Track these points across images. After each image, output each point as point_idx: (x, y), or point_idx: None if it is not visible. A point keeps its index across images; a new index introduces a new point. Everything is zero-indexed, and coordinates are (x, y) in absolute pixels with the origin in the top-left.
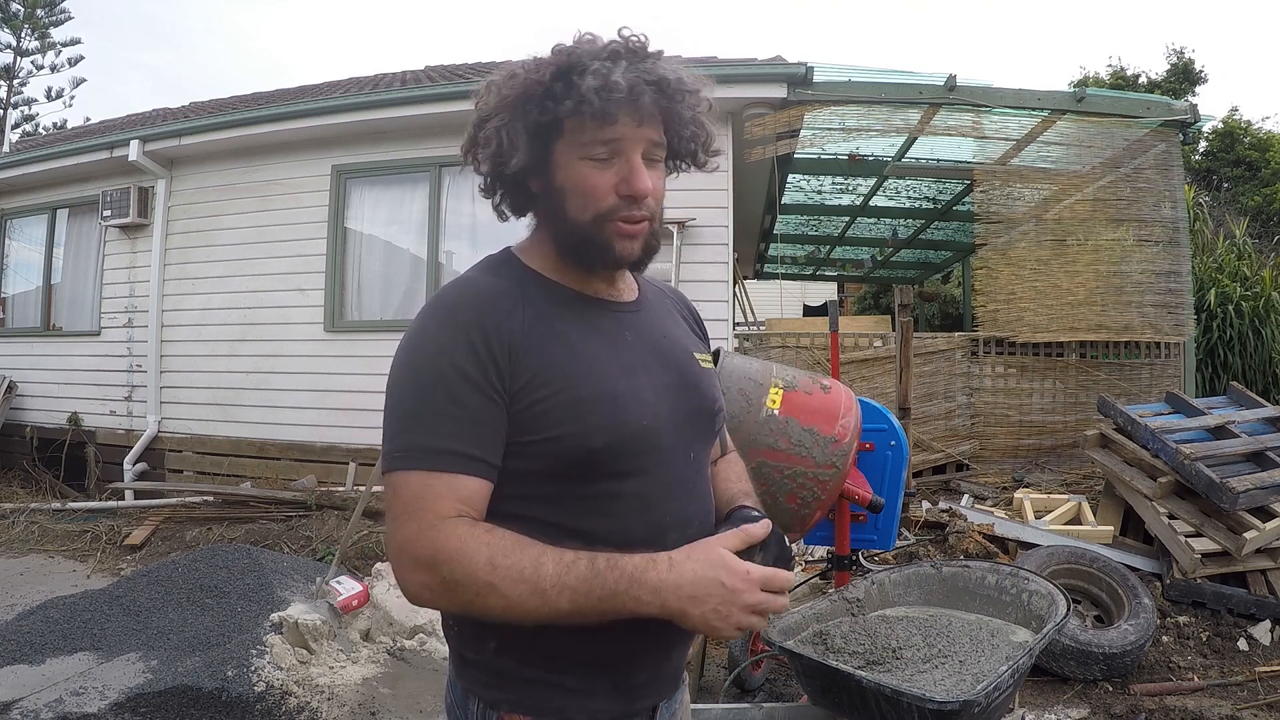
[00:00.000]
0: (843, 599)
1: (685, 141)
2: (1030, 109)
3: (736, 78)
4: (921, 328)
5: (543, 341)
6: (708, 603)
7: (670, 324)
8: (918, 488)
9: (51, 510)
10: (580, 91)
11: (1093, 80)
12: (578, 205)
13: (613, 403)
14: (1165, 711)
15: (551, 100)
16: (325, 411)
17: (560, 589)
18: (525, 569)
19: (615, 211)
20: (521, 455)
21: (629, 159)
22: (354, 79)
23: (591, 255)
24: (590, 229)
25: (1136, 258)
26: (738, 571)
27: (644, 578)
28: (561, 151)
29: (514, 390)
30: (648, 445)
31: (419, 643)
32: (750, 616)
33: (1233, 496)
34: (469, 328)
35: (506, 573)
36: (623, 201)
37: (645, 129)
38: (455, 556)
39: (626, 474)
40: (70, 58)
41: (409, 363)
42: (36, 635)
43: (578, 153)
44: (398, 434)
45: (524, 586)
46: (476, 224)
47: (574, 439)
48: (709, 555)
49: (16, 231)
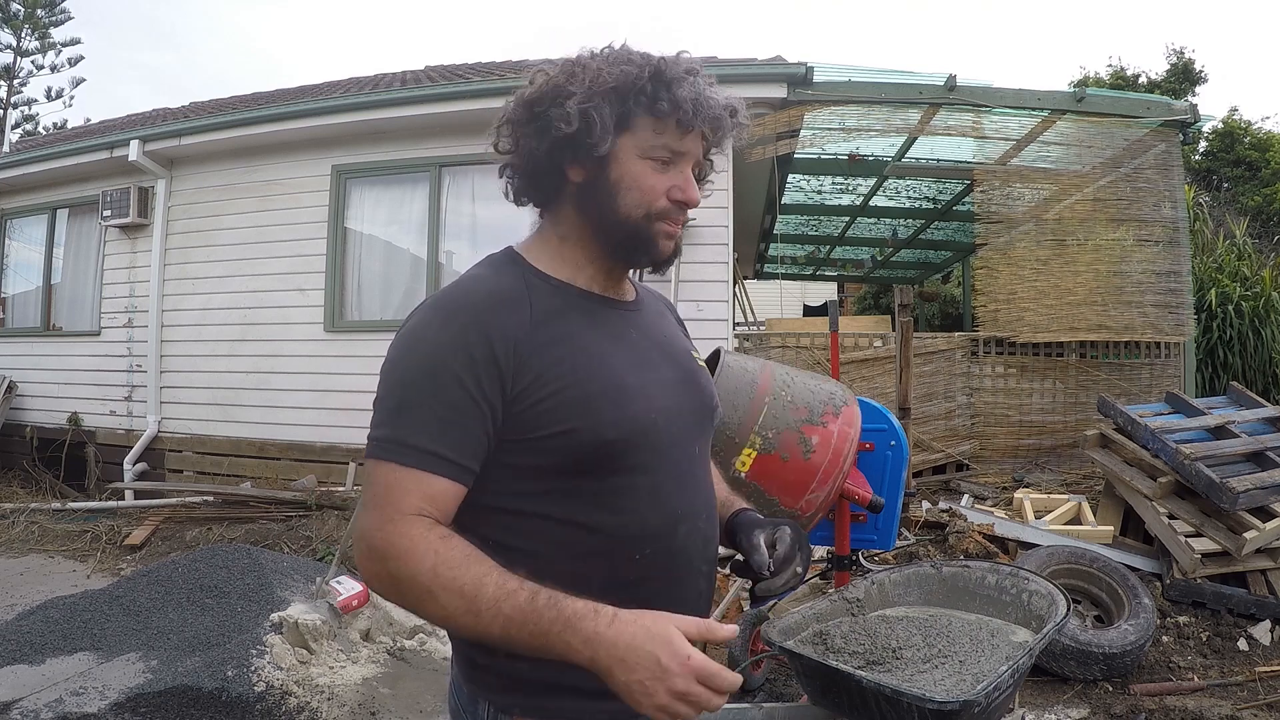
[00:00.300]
0: (843, 599)
1: (711, 155)
2: (1030, 109)
3: (736, 78)
4: (921, 328)
5: (550, 339)
6: (635, 672)
7: (666, 324)
8: (918, 488)
9: (51, 510)
10: (676, 97)
11: (1093, 80)
12: (633, 201)
13: (624, 397)
14: (1165, 711)
15: (646, 96)
16: (325, 411)
17: (495, 614)
18: (465, 585)
19: (666, 214)
20: (533, 451)
21: (683, 170)
22: (354, 79)
23: (636, 250)
24: (640, 224)
25: (1137, 257)
26: (678, 654)
27: (580, 625)
28: (624, 147)
29: (519, 390)
30: (657, 439)
31: (419, 643)
32: (677, 704)
33: (1233, 496)
34: (468, 330)
35: (447, 584)
36: (674, 206)
37: (701, 145)
38: (403, 555)
39: (637, 468)
40: (70, 58)
41: (402, 357)
42: (36, 635)
43: (642, 151)
44: (380, 424)
45: (461, 602)
46: (476, 224)
47: (587, 432)
48: (656, 627)
49: (16, 231)
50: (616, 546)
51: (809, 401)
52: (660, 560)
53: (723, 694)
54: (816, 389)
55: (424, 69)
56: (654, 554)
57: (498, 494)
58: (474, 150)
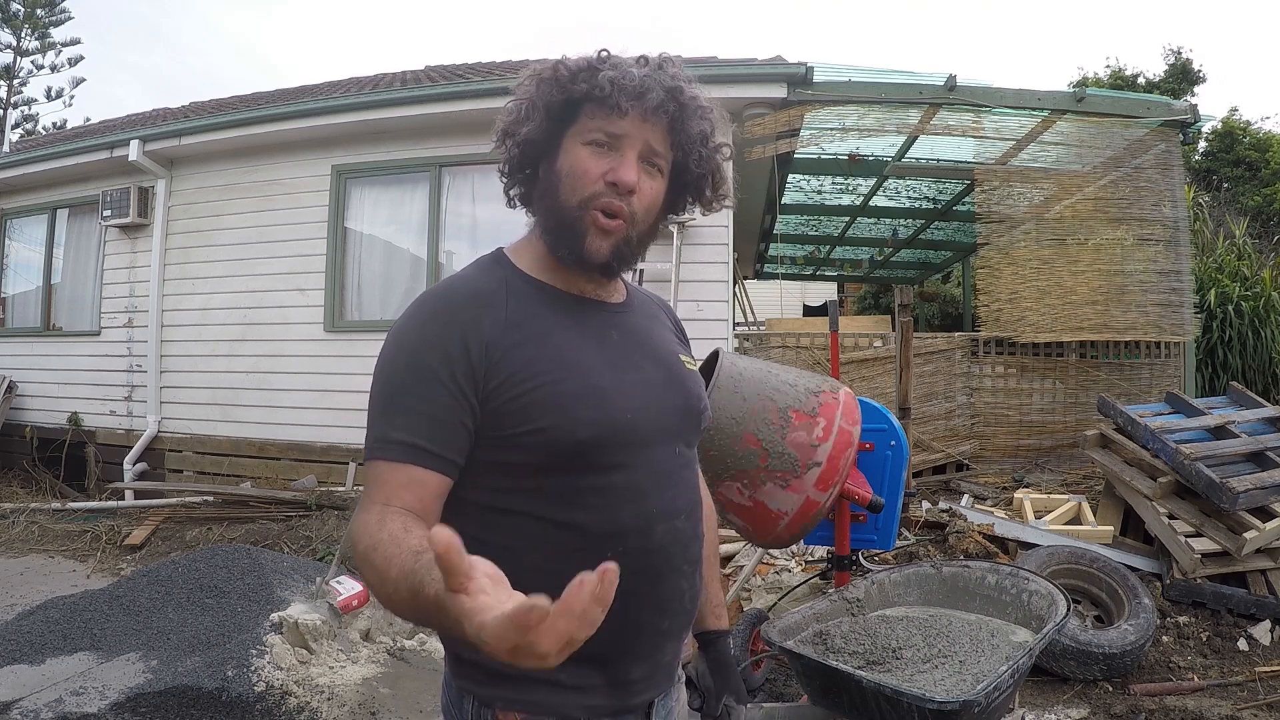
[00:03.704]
0: (843, 599)
1: (693, 166)
2: (1030, 109)
3: (736, 78)
4: (921, 328)
5: (524, 338)
6: None
7: (657, 326)
8: (918, 488)
9: (51, 510)
10: (596, 80)
11: (1091, 80)
12: (569, 187)
13: (598, 396)
14: (1165, 711)
15: (573, 83)
16: (325, 411)
17: (399, 597)
18: (380, 567)
19: (597, 198)
20: (509, 448)
21: (624, 152)
22: (354, 79)
23: (564, 243)
24: (572, 213)
25: (1138, 257)
26: (470, 628)
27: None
28: (569, 138)
29: (492, 387)
30: (635, 438)
31: (419, 643)
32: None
33: (1233, 496)
34: (444, 328)
35: (372, 567)
36: (607, 189)
37: (649, 129)
38: (356, 541)
39: (613, 466)
40: (70, 58)
41: (387, 357)
42: (36, 635)
43: (581, 138)
44: (369, 426)
45: (381, 584)
46: (476, 224)
47: (560, 430)
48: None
49: (16, 231)
50: (591, 544)
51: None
52: (637, 559)
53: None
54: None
55: (424, 69)
56: (629, 552)
57: (474, 489)
58: (474, 150)
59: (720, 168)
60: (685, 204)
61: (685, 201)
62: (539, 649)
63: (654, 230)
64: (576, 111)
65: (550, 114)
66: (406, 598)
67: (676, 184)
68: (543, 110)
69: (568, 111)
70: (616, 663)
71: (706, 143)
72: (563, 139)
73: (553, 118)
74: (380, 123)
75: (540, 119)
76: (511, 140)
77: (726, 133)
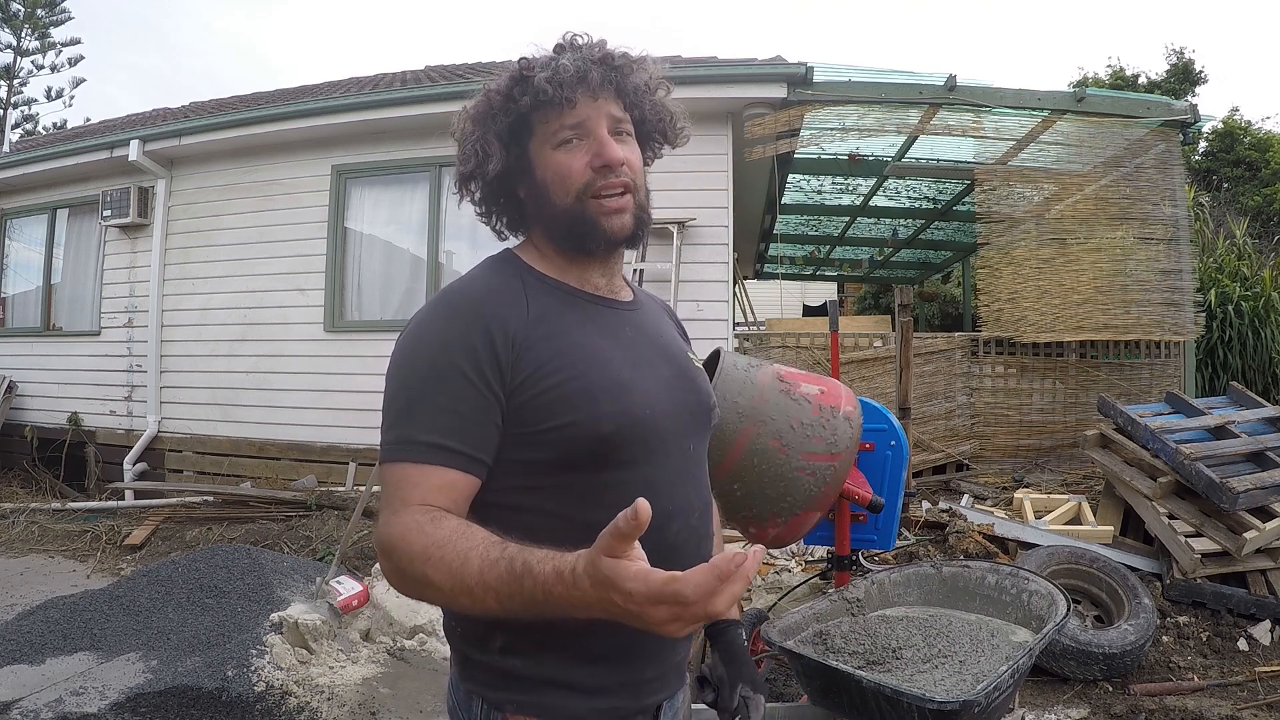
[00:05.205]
0: (843, 599)
1: (649, 116)
2: (1030, 109)
3: (736, 78)
4: (921, 328)
5: (547, 334)
6: (611, 613)
7: (664, 325)
8: (918, 488)
9: (51, 510)
10: (534, 85)
11: (1092, 80)
12: (559, 191)
13: (620, 390)
14: (1165, 711)
15: (513, 102)
16: (325, 411)
17: (484, 588)
18: (453, 563)
19: (592, 185)
20: (532, 445)
21: (596, 134)
22: (354, 79)
23: (584, 236)
24: (576, 209)
25: (1139, 256)
26: (620, 592)
27: (555, 592)
28: (536, 149)
29: (517, 382)
30: (652, 434)
31: (419, 643)
32: (661, 626)
33: (1233, 496)
34: (469, 324)
35: (438, 565)
36: (597, 174)
37: (604, 104)
38: (399, 544)
39: (632, 462)
40: (70, 58)
41: (407, 357)
42: (36, 635)
43: (549, 144)
44: (390, 426)
45: (452, 581)
46: (476, 224)
47: (585, 425)
48: (599, 576)
49: (16, 231)
50: None
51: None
52: (652, 557)
53: (681, 596)
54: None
55: (424, 69)
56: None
57: (493, 490)
58: None
59: (668, 106)
60: (655, 151)
61: (655, 149)
62: (715, 607)
63: (648, 191)
64: (529, 124)
65: (505, 140)
66: (496, 584)
67: (641, 137)
68: (496, 141)
69: (521, 128)
70: (631, 663)
71: (653, 91)
72: (529, 155)
73: (510, 142)
74: (380, 123)
75: (499, 150)
76: (478, 182)
77: (656, 68)
